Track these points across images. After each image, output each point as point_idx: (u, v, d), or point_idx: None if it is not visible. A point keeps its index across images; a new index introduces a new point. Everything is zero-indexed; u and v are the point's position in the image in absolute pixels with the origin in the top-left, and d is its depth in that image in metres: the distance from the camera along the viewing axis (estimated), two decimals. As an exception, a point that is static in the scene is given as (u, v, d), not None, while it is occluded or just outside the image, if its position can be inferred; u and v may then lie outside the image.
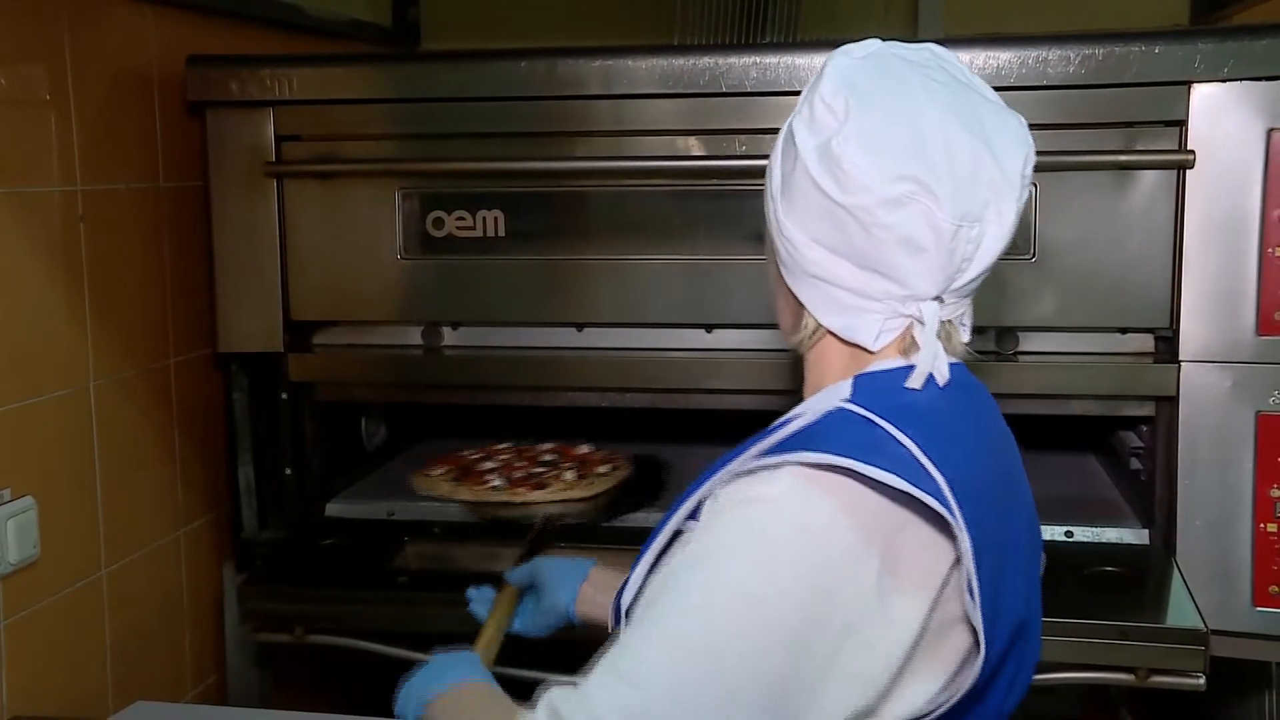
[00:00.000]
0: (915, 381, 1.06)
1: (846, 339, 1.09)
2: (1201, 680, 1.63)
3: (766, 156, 1.80)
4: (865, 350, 1.09)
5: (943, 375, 1.07)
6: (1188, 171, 1.69)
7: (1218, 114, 1.67)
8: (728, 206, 1.84)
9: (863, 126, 1.04)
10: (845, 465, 0.97)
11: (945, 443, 1.03)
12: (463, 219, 1.90)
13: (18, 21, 1.62)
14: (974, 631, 1.00)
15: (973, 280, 1.07)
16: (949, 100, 1.07)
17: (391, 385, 2.07)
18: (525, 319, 1.94)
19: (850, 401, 1.05)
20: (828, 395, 1.09)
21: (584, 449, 2.21)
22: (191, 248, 1.97)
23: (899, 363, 1.08)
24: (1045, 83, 1.70)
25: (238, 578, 2.02)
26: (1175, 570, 1.73)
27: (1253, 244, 1.68)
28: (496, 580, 1.89)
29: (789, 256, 1.10)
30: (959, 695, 1.01)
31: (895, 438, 1.00)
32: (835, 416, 1.05)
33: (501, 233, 1.89)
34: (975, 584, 0.98)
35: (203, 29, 2.01)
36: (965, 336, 1.12)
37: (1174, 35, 1.72)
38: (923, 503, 0.97)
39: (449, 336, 2.01)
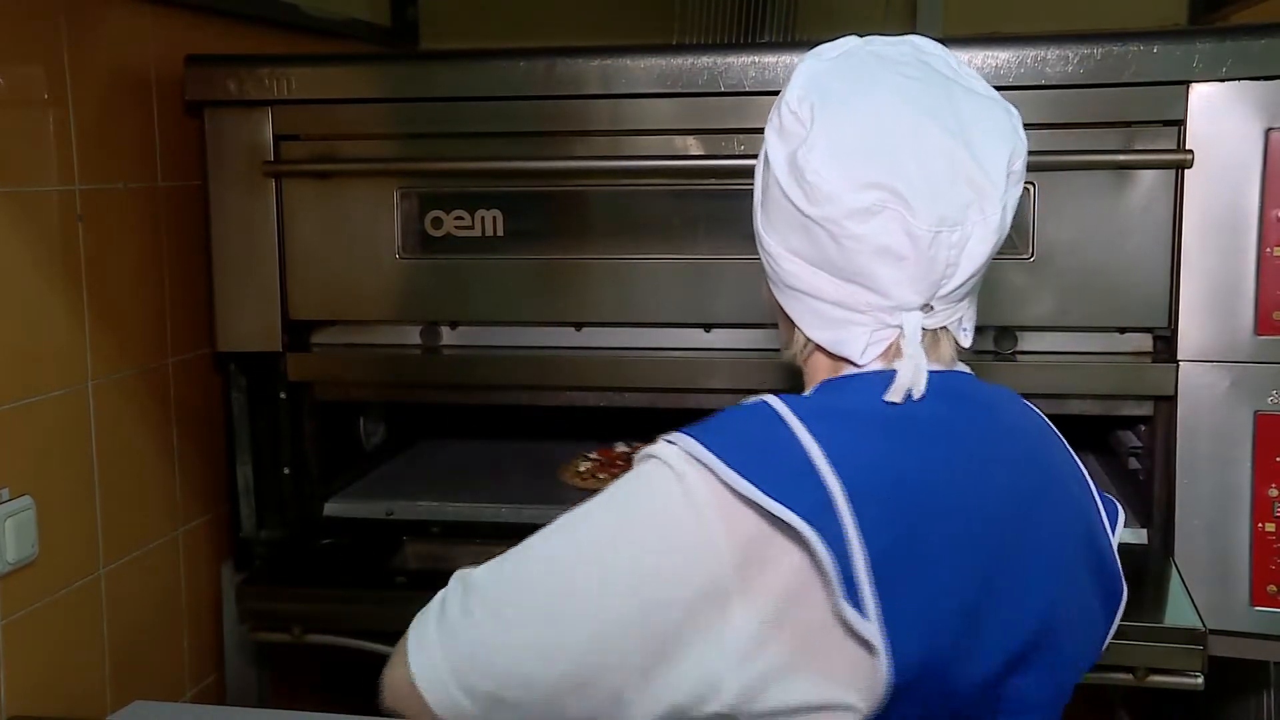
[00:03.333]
0: (894, 395, 1.00)
1: (834, 353, 1.06)
2: (1200, 680, 1.64)
3: (765, 156, 1.81)
4: (852, 364, 1.05)
5: (919, 388, 1.01)
6: (1186, 171, 1.69)
7: (1216, 114, 1.68)
8: (726, 206, 1.84)
9: (828, 133, 1.00)
10: (708, 464, 0.95)
11: (872, 443, 0.97)
12: (461, 218, 1.90)
13: (15, 21, 1.62)
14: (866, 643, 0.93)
15: (961, 285, 1.02)
16: (923, 96, 1.02)
17: (390, 385, 2.07)
18: (524, 318, 1.94)
19: (780, 396, 1.01)
20: None
21: None
22: (190, 247, 1.97)
23: (877, 367, 1.04)
24: (1044, 82, 1.70)
25: (236, 577, 2.02)
26: (1173, 570, 1.73)
27: (1251, 244, 1.68)
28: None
29: (772, 270, 1.08)
30: (873, 708, 0.94)
31: (797, 437, 0.96)
32: (747, 408, 1.02)
33: (500, 232, 1.89)
34: (865, 594, 0.91)
35: (201, 28, 2.01)
36: (965, 341, 1.08)
37: (1172, 35, 1.72)
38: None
39: (447, 336, 2.01)
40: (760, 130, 1.77)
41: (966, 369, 1.11)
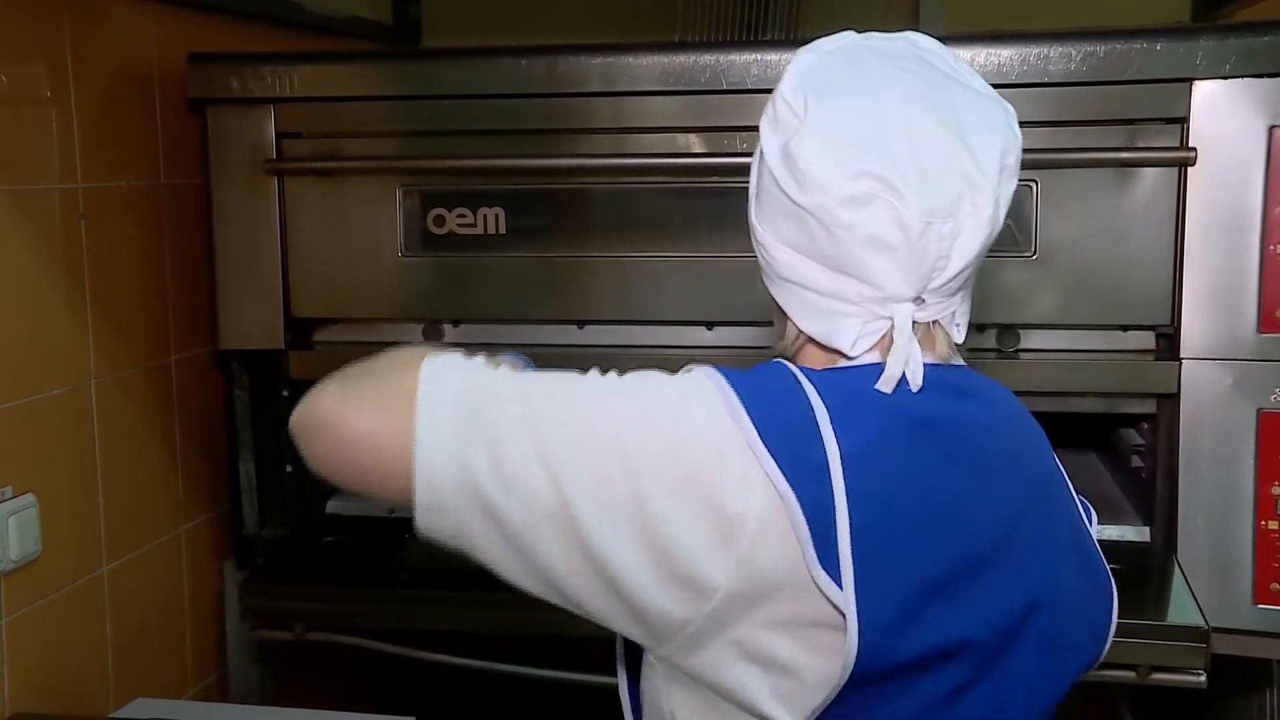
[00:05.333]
0: (885, 385, 1.00)
1: (825, 344, 1.06)
2: (1203, 678, 1.64)
3: (767, 154, 1.81)
4: (844, 356, 1.05)
5: (915, 380, 1.01)
6: (1189, 169, 1.69)
7: (1219, 111, 1.67)
8: (728, 204, 1.84)
9: (821, 123, 1.01)
10: (731, 401, 0.98)
11: (873, 419, 0.99)
12: (464, 216, 1.90)
13: (18, 19, 1.62)
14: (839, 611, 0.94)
15: (954, 278, 1.02)
16: (919, 89, 1.03)
17: (392, 383, 2.06)
18: (526, 316, 1.94)
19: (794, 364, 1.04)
20: None
21: None
22: (192, 245, 1.97)
23: (870, 360, 1.04)
24: (1046, 80, 1.70)
25: (238, 575, 2.02)
26: (1176, 568, 1.73)
27: (1254, 241, 1.68)
28: (497, 580, 1.89)
29: (764, 261, 1.09)
30: (836, 687, 0.95)
31: (808, 397, 0.98)
32: (766, 366, 1.05)
33: (502, 230, 1.89)
34: (844, 564, 0.93)
35: (203, 26, 2.01)
36: (958, 336, 1.07)
37: (1175, 32, 1.72)
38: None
39: (450, 334, 2.00)
40: (762, 128, 1.79)
41: (963, 363, 1.11)
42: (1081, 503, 1.18)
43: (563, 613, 1.56)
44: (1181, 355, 1.72)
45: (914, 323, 1.02)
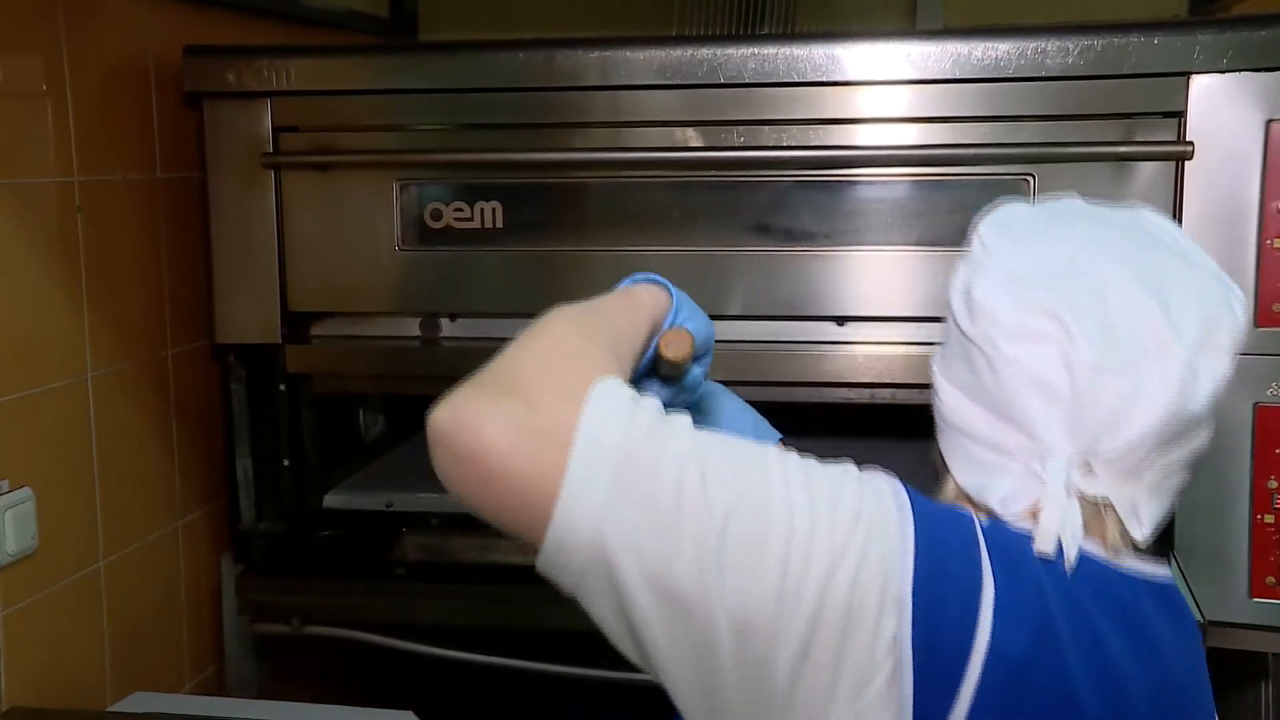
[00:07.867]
0: (1041, 542, 0.90)
1: (976, 500, 0.98)
2: (1198, 671, 1.64)
3: (765, 148, 1.81)
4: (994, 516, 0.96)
5: (1070, 556, 0.90)
6: (1186, 163, 1.69)
7: (1216, 105, 1.67)
8: (726, 198, 1.84)
9: (1006, 258, 0.96)
10: (905, 531, 0.88)
11: (1028, 616, 0.88)
12: (460, 210, 1.90)
13: (13, 13, 1.61)
14: None
15: (1130, 448, 0.90)
16: (1125, 248, 0.95)
17: (389, 376, 2.07)
18: (523, 310, 1.90)
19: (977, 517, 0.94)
20: None
21: None
22: (189, 239, 1.97)
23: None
24: (1044, 74, 1.70)
25: (235, 569, 2.02)
26: (1172, 562, 1.73)
27: (1251, 235, 1.68)
28: (495, 573, 1.89)
29: (935, 406, 1.02)
30: None
31: (981, 574, 0.88)
32: (954, 513, 0.94)
33: (499, 224, 1.89)
34: None
35: (199, 19, 2.01)
36: (1137, 534, 0.94)
37: (1173, 26, 1.72)
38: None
39: (447, 328, 2.00)
40: (759, 121, 1.79)
41: (1160, 573, 0.98)
42: None
43: (561, 606, 1.57)
44: (1178, 349, 1.72)
45: (1081, 495, 0.93)
